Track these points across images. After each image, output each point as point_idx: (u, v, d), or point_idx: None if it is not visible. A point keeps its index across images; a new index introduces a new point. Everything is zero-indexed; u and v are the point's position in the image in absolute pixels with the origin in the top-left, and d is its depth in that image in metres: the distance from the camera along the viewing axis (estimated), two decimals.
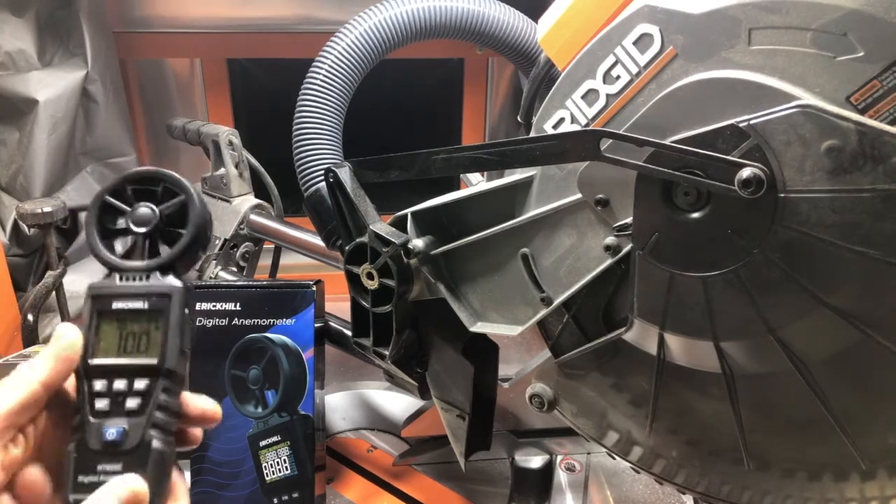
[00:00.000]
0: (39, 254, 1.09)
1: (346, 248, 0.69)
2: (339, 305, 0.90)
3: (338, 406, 1.04)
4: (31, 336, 0.87)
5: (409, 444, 0.97)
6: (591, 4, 0.54)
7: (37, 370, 0.40)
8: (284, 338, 0.83)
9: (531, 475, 0.88)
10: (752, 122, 0.46)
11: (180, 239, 0.44)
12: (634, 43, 0.51)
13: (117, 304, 0.43)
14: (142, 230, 0.45)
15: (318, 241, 0.91)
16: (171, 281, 0.44)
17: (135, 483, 0.40)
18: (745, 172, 0.45)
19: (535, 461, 0.89)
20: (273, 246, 1.13)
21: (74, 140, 1.13)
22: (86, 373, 0.42)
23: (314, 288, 0.84)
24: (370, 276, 0.67)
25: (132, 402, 0.42)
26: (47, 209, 0.91)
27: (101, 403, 0.42)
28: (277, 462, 0.83)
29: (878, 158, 0.43)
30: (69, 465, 0.41)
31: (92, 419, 0.42)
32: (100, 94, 1.15)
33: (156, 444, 0.42)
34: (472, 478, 0.92)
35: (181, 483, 0.45)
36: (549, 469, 0.89)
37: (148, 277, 0.44)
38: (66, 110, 1.09)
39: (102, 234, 0.45)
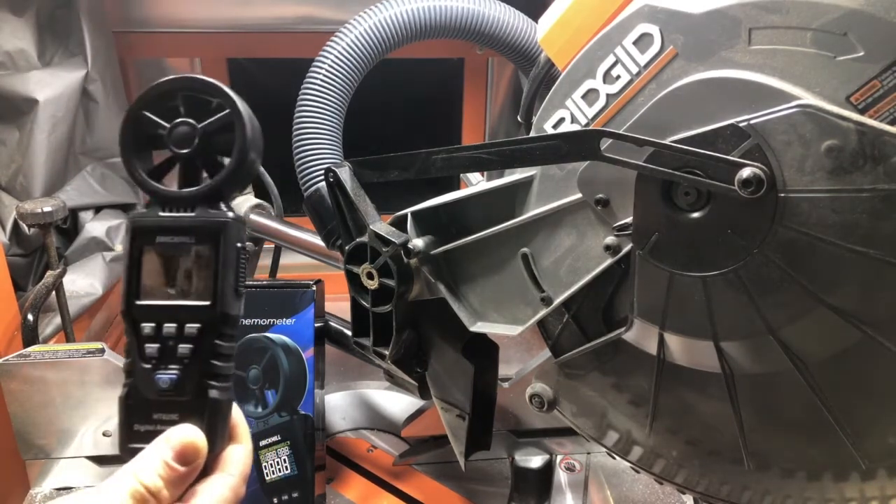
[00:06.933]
0: (39, 254, 1.09)
1: (346, 247, 0.69)
2: (339, 305, 0.90)
3: (338, 406, 1.04)
4: (30, 336, 0.87)
5: (409, 444, 0.97)
6: (591, 4, 0.54)
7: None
8: (284, 338, 0.83)
9: (531, 475, 0.88)
10: (752, 121, 0.46)
11: (228, 161, 0.39)
12: (634, 43, 0.51)
13: (162, 239, 0.38)
14: (183, 151, 0.39)
15: (318, 241, 0.91)
16: (222, 212, 0.39)
17: (192, 434, 0.38)
18: (746, 172, 0.45)
19: (535, 461, 0.89)
20: (273, 246, 1.12)
21: (74, 140, 1.13)
22: (132, 315, 0.39)
23: (314, 288, 0.84)
24: (370, 276, 0.67)
25: (185, 349, 0.38)
26: (47, 209, 0.90)
27: (151, 348, 0.38)
28: (277, 462, 0.83)
29: (878, 158, 0.43)
30: (123, 412, 0.39)
31: (143, 364, 0.38)
32: (100, 94, 1.14)
33: (213, 393, 0.38)
34: (472, 478, 0.92)
35: (240, 425, 0.42)
36: (549, 469, 0.89)
37: (194, 208, 0.39)
38: (66, 110, 1.08)
39: (139, 156, 0.39)
